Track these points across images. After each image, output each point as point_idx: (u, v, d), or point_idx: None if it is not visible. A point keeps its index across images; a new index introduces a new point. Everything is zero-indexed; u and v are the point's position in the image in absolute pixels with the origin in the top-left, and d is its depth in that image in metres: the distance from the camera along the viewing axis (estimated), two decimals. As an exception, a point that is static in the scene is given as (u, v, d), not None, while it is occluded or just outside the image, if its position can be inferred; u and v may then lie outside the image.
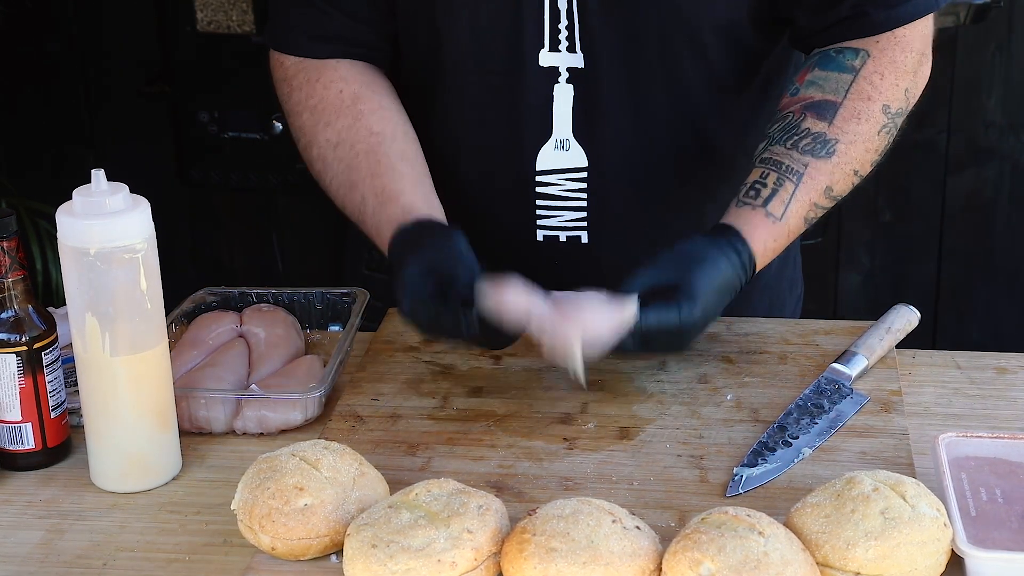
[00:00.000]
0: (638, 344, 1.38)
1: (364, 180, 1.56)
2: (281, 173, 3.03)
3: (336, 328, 1.62)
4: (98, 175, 1.30)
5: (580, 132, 1.61)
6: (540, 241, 1.66)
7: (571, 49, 1.58)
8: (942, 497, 1.20)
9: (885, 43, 1.56)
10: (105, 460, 1.35)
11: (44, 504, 1.34)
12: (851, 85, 1.54)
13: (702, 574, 1.11)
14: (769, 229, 1.49)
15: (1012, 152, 3.32)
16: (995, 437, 1.30)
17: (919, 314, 1.58)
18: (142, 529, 1.30)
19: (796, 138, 1.52)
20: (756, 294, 1.72)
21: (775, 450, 1.36)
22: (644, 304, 1.38)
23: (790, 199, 1.50)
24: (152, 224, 1.31)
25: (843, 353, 1.52)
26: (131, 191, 1.31)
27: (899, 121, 1.57)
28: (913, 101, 1.60)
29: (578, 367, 1.36)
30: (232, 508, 1.25)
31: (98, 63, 3.37)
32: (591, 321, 1.36)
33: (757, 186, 1.51)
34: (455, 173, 1.69)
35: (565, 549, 1.13)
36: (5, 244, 1.33)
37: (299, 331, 1.60)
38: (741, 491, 1.30)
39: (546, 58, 1.59)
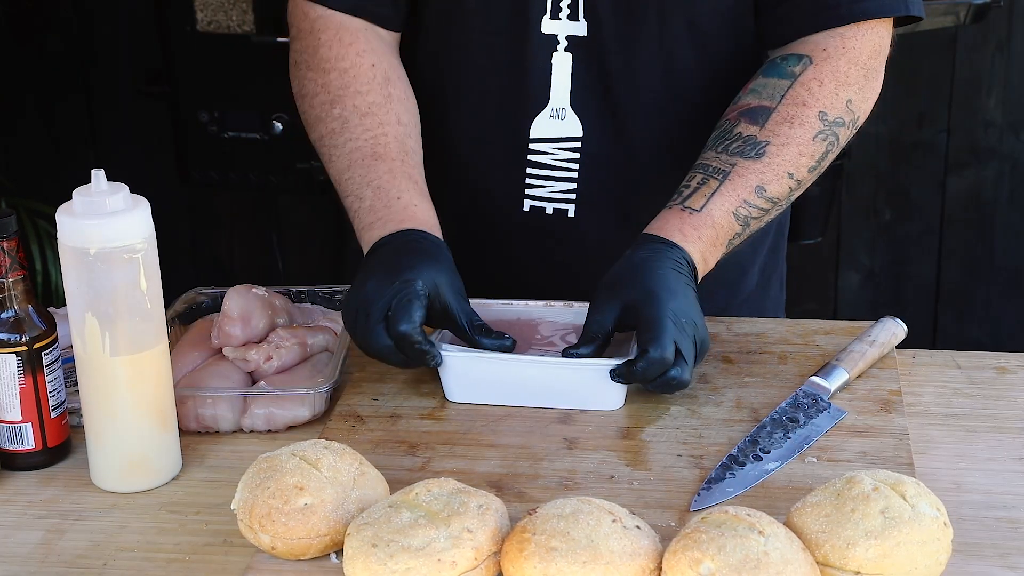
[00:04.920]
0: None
1: (394, 162, 1.56)
2: (281, 173, 3.03)
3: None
4: (98, 175, 1.30)
5: (576, 102, 1.62)
6: (526, 212, 1.67)
7: (572, 17, 1.59)
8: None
9: (832, 51, 1.54)
10: (105, 460, 1.35)
11: (44, 504, 1.34)
12: (787, 91, 1.53)
13: (702, 573, 1.11)
14: (684, 219, 1.48)
15: (1012, 152, 3.32)
16: None
17: (906, 327, 1.55)
18: (142, 529, 1.30)
19: (727, 143, 1.52)
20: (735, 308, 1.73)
21: (744, 464, 1.34)
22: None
23: (712, 193, 1.49)
24: (152, 224, 1.31)
25: (823, 366, 1.49)
26: (131, 191, 1.31)
27: (839, 132, 1.54)
28: (860, 115, 1.57)
29: None
30: (232, 508, 1.25)
31: (98, 63, 3.38)
32: None
33: (681, 189, 1.52)
34: (449, 137, 1.70)
35: (565, 548, 1.13)
36: (5, 244, 1.33)
37: (299, 331, 1.60)
38: (706, 506, 1.27)
39: (547, 25, 1.60)
